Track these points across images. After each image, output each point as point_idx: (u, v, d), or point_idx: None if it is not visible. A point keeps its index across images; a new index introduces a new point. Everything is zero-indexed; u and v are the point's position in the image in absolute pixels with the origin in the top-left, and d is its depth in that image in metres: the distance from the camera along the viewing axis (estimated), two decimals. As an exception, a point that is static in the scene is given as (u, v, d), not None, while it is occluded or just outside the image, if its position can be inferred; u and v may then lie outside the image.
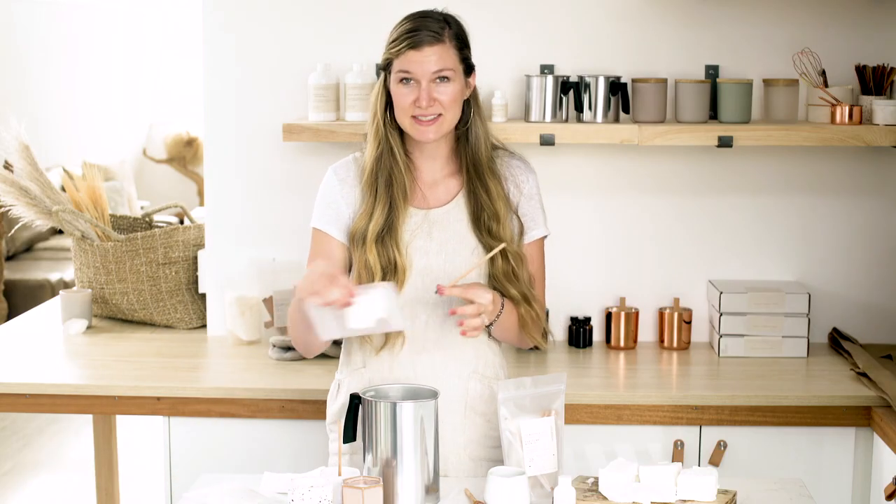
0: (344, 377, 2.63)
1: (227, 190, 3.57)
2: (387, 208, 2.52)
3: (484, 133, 2.58)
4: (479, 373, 2.58)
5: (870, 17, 3.43)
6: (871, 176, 3.50)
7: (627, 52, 3.46)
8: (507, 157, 2.63)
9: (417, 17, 2.50)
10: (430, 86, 2.47)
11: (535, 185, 2.63)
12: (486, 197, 2.54)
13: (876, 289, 3.53)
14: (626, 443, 3.06)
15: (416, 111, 2.48)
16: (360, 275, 2.53)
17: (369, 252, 2.51)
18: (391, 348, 2.55)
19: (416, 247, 2.55)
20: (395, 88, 2.50)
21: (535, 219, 2.62)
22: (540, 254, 2.65)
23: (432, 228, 2.55)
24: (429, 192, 2.59)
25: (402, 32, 2.48)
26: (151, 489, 4.99)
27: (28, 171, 3.70)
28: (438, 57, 2.47)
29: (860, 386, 3.09)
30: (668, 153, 3.50)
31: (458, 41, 2.51)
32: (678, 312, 3.46)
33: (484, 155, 2.57)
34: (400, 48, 2.47)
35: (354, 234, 2.54)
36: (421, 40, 2.46)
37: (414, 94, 2.48)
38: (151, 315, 3.67)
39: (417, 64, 2.46)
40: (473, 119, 2.56)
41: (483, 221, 2.54)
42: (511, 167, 2.61)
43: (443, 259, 2.55)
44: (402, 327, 2.42)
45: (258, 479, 2.51)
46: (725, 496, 2.37)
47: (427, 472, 2.33)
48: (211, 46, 3.52)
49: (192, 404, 3.07)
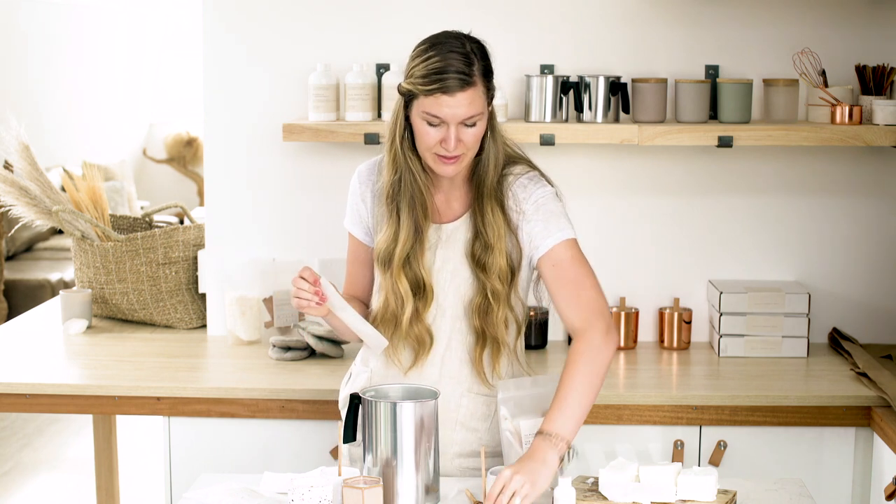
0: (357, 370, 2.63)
1: (227, 190, 3.57)
2: (412, 231, 2.47)
3: (495, 156, 2.48)
4: (473, 392, 2.54)
5: (870, 17, 3.43)
6: (871, 176, 3.50)
7: (627, 52, 3.46)
8: (522, 173, 2.53)
9: (444, 51, 2.37)
10: (458, 128, 2.38)
11: (539, 199, 2.50)
12: (482, 223, 2.47)
13: (876, 289, 3.54)
14: (626, 443, 3.06)
15: (441, 150, 2.40)
16: (389, 299, 2.50)
17: (398, 278, 2.47)
18: (419, 369, 2.53)
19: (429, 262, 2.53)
20: (419, 125, 2.40)
21: (549, 227, 2.49)
22: (568, 256, 2.49)
23: (439, 244, 2.51)
24: (442, 206, 2.53)
25: (431, 72, 2.36)
26: (151, 489, 4.99)
27: (28, 171, 3.70)
28: (470, 103, 2.36)
29: (860, 386, 3.09)
30: (668, 153, 3.50)
31: (485, 78, 2.41)
32: (678, 312, 3.46)
33: (490, 178, 2.48)
34: (429, 89, 2.36)
35: (380, 255, 2.50)
36: (451, 86, 2.35)
37: (440, 135, 2.38)
38: (151, 315, 3.67)
39: (448, 109, 2.36)
40: (488, 143, 2.47)
41: (475, 249, 2.48)
42: (516, 185, 2.51)
43: (447, 275, 2.51)
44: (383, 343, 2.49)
45: (258, 479, 2.51)
46: (725, 496, 2.37)
47: (427, 472, 2.33)
48: (211, 46, 3.52)
49: (192, 404, 3.07)
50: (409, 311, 2.48)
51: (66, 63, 8.50)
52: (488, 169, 2.48)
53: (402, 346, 2.52)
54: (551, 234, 2.49)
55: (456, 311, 2.51)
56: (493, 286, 2.47)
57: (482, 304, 2.48)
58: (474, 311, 2.49)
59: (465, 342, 2.52)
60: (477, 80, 2.38)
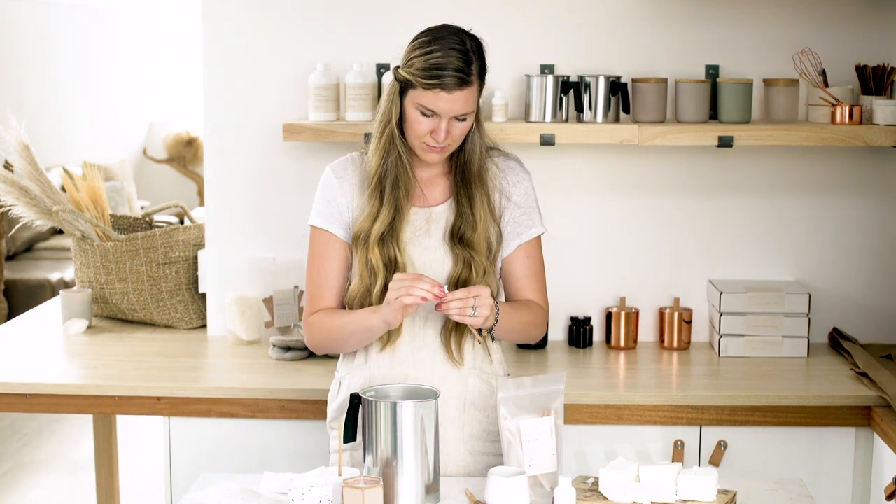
0: (344, 375, 2.64)
1: (227, 190, 3.57)
2: (392, 210, 2.55)
3: (480, 144, 2.59)
4: (477, 369, 2.60)
5: (870, 17, 3.43)
6: (871, 176, 3.50)
7: (627, 52, 3.46)
8: (501, 159, 2.65)
9: (445, 48, 2.45)
10: (449, 122, 2.49)
11: (528, 187, 2.65)
12: (469, 206, 2.57)
13: (876, 289, 3.54)
14: (626, 443, 3.06)
15: (430, 140, 2.50)
16: (363, 274, 2.55)
17: (371, 252, 2.53)
18: (392, 345, 2.56)
19: (417, 244, 2.57)
20: (412, 113, 2.50)
21: (532, 217, 2.64)
22: (539, 251, 2.67)
23: (431, 226, 2.59)
24: (427, 191, 2.61)
25: (432, 66, 2.44)
26: (151, 489, 4.99)
27: (28, 171, 3.70)
28: (465, 101, 2.47)
29: (860, 386, 3.09)
30: (668, 153, 3.50)
31: (480, 77, 2.50)
32: (678, 312, 3.46)
33: (476, 165, 2.59)
34: (429, 84, 2.44)
35: (358, 235, 2.57)
36: (451, 84, 2.44)
37: (432, 126, 2.49)
38: (151, 315, 3.67)
39: (444, 104, 2.46)
40: (473, 133, 2.58)
41: (457, 229, 2.56)
42: (502, 173, 2.63)
43: (441, 255, 2.57)
44: None
45: (258, 479, 2.51)
46: (725, 496, 2.37)
47: (427, 472, 2.33)
48: (211, 46, 3.52)
49: (192, 404, 3.07)
50: (380, 284, 2.53)
51: (66, 63, 8.50)
52: (473, 157, 2.59)
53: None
54: (533, 225, 2.64)
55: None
56: (477, 260, 2.55)
57: (462, 274, 2.55)
58: (452, 284, 2.55)
59: (438, 321, 2.58)
60: (474, 80, 2.48)
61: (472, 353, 2.60)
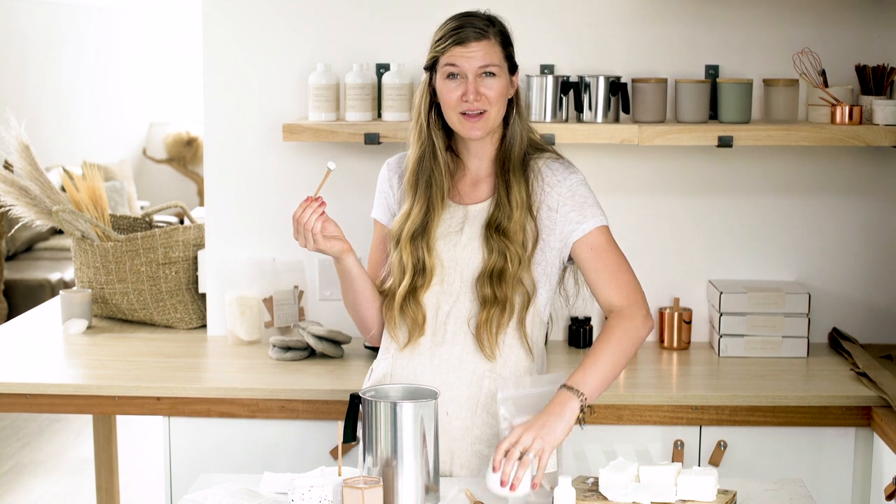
0: (374, 366, 2.66)
1: (227, 190, 3.57)
2: (424, 209, 2.56)
3: (521, 132, 2.59)
4: (496, 372, 2.56)
5: (870, 17, 3.43)
6: (871, 176, 3.50)
7: (627, 52, 3.46)
8: (551, 160, 2.60)
9: (462, 16, 2.54)
10: (476, 80, 2.50)
11: (573, 184, 2.56)
12: (506, 195, 2.55)
13: (876, 289, 3.54)
14: (626, 443, 3.06)
15: (464, 106, 2.51)
16: (394, 272, 2.58)
17: (403, 251, 2.55)
18: (414, 345, 2.57)
19: (448, 240, 2.57)
20: (441, 85, 2.53)
21: (584, 212, 2.55)
22: (606, 243, 2.56)
23: (465, 223, 2.57)
24: (470, 190, 2.60)
25: (449, 31, 2.52)
26: (151, 489, 4.99)
27: (28, 171, 3.70)
28: (484, 52, 2.50)
29: (860, 386, 3.09)
30: (668, 153, 3.50)
31: (502, 38, 2.55)
32: (678, 312, 3.46)
33: (516, 154, 2.57)
34: (446, 45, 2.50)
35: (393, 233, 2.60)
36: (467, 36, 2.49)
37: (461, 89, 2.50)
38: (151, 315, 3.67)
39: (464, 59, 2.49)
40: (514, 118, 2.58)
41: (494, 220, 2.54)
42: (546, 171, 2.58)
43: (470, 251, 2.56)
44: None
45: (258, 479, 2.51)
46: (725, 496, 2.37)
47: (427, 472, 2.33)
48: (211, 46, 3.52)
49: (192, 404, 3.07)
50: (406, 284, 2.54)
51: (66, 63, 8.51)
52: (514, 144, 2.58)
53: (400, 321, 2.57)
54: (587, 218, 2.56)
55: (464, 287, 2.55)
56: (512, 250, 2.52)
57: (497, 264, 2.52)
58: (487, 275, 2.52)
59: (468, 312, 2.55)
60: (492, 36, 2.52)
61: (506, 348, 2.56)
